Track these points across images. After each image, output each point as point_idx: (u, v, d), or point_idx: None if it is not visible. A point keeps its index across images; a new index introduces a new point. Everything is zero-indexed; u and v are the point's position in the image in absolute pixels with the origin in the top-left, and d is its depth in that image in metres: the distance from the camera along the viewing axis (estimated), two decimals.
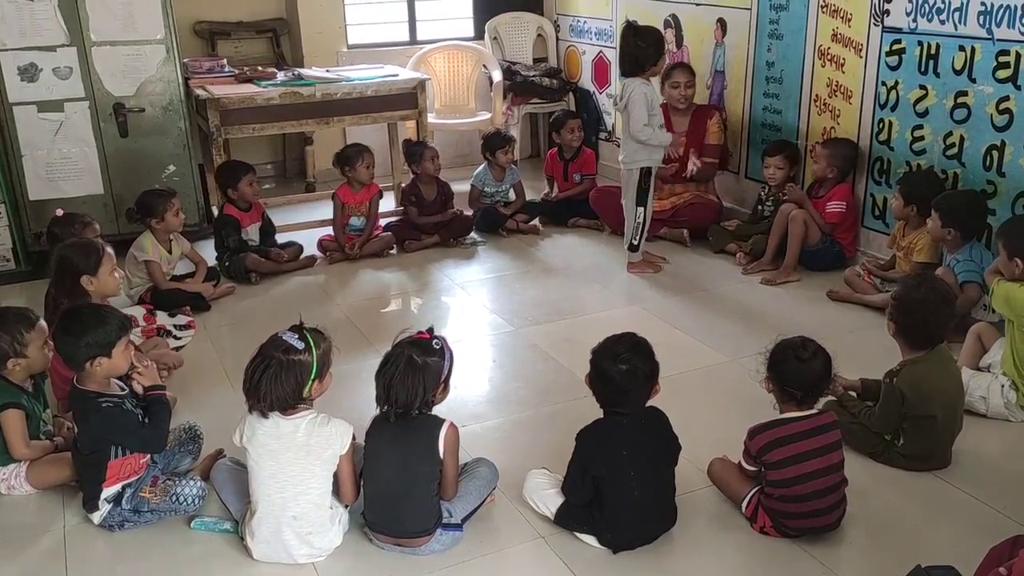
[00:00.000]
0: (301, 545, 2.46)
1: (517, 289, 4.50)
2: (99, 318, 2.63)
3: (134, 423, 2.60)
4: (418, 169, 5.09)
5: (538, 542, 2.56)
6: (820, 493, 2.45)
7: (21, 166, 4.70)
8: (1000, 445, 2.99)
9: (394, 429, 2.46)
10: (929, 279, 2.99)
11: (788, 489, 2.45)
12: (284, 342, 2.40)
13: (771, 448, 2.47)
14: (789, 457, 2.45)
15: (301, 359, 2.39)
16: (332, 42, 6.27)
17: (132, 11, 4.68)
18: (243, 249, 4.61)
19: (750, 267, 4.57)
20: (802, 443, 2.45)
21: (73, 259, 3.31)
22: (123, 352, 2.63)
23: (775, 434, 2.48)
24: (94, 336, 2.57)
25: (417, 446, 2.47)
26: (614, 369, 2.44)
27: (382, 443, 2.49)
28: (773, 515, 2.52)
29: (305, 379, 2.40)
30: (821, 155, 4.43)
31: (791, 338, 2.56)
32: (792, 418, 2.50)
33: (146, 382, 2.69)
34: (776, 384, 2.53)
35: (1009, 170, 3.77)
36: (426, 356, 2.43)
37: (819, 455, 2.45)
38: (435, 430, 2.47)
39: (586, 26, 6.46)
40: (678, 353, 3.61)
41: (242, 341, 2.53)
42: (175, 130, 4.94)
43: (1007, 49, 3.69)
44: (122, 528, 2.62)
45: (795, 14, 4.68)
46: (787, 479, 2.45)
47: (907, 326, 2.81)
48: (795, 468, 2.44)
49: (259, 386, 2.38)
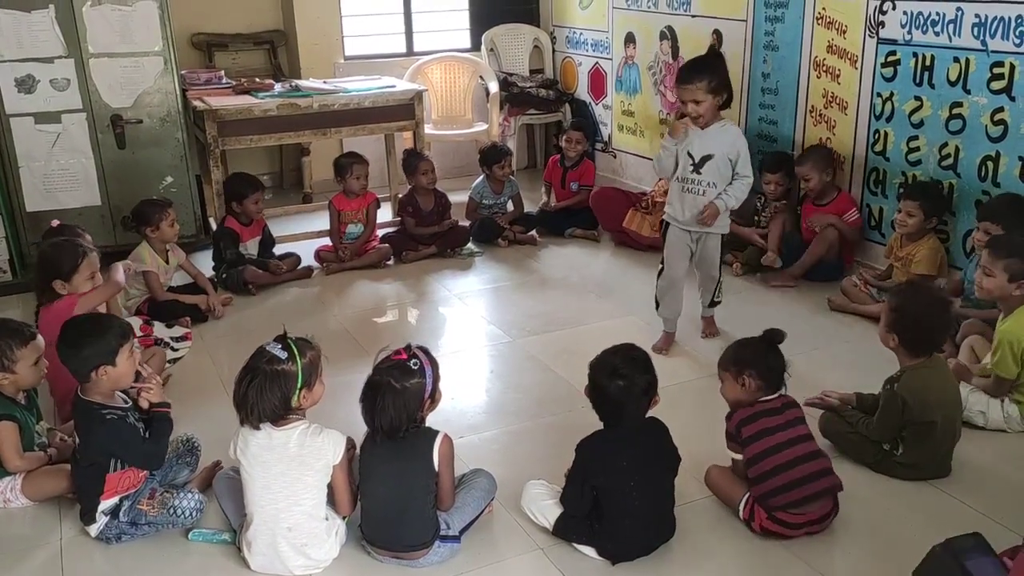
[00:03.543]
0: (297, 556, 2.45)
1: (514, 300, 4.50)
2: (98, 327, 2.63)
3: (137, 437, 2.60)
4: (413, 181, 5.11)
5: (536, 553, 2.55)
6: (795, 462, 2.54)
7: (18, 177, 4.70)
8: (998, 456, 2.99)
9: (386, 447, 2.45)
10: (924, 287, 3.00)
11: (764, 462, 2.55)
12: (268, 353, 2.40)
13: (746, 423, 2.60)
14: (762, 431, 2.58)
15: (285, 369, 2.38)
16: (329, 53, 6.29)
17: (130, 23, 4.69)
18: (240, 262, 4.60)
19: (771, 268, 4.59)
20: (771, 418, 2.60)
21: (50, 259, 3.28)
22: (128, 359, 2.62)
23: (745, 412, 2.63)
24: (94, 346, 2.56)
25: (412, 462, 2.45)
26: (611, 384, 2.44)
27: (375, 461, 2.47)
28: (763, 501, 2.55)
29: (291, 389, 2.39)
30: (807, 171, 4.45)
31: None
32: (759, 400, 2.65)
33: (153, 399, 2.68)
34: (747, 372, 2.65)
35: (1004, 181, 3.78)
36: (405, 380, 2.41)
37: (787, 428, 2.59)
38: (429, 444, 2.46)
39: (582, 38, 6.48)
40: (674, 363, 3.61)
41: (239, 352, 2.52)
42: (173, 142, 4.95)
43: (1001, 60, 3.71)
44: (119, 541, 2.61)
45: (790, 26, 4.70)
46: (762, 451, 2.56)
47: (911, 336, 2.80)
48: (767, 440, 2.56)
49: (246, 398, 2.38)
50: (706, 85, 3.44)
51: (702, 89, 3.44)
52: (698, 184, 3.58)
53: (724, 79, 3.49)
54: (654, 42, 5.72)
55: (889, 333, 2.83)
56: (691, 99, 3.47)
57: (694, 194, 3.60)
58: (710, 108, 3.48)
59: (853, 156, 4.48)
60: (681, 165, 3.60)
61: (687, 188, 3.61)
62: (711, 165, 3.54)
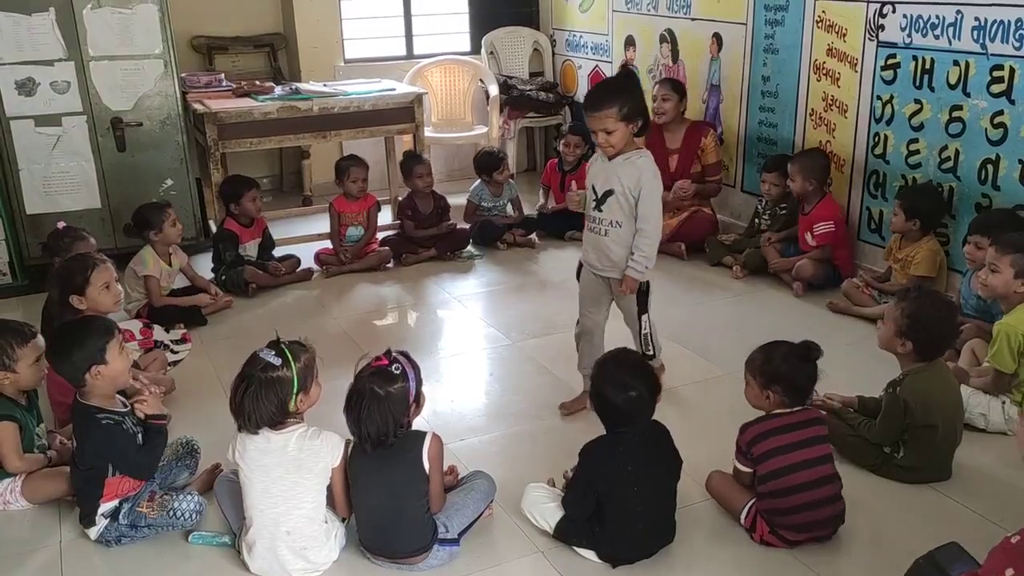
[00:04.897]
0: (297, 560, 2.45)
1: (514, 302, 4.50)
2: (81, 330, 2.63)
3: (131, 444, 2.60)
4: (410, 184, 5.12)
5: (536, 556, 2.55)
6: (806, 486, 2.48)
7: (18, 180, 4.70)
8: (999, 458, 2.99)
9: (374, 455, 2.43)
10: (933, 293, 3.00)
11: (776, 482, 2.49)
12: (262, 360, 2.39)
13: (759, 440, 2.51)
14: (775, 448, 2.50)
15: (280, 375, 2.38)
16: (329, 56, 6.29)
17: (130, 26, 4.69)
18: (240, 264, 4.61)
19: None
20: (788, 435, 2.50)
21: (63, 276, 3.29)
22: (119, 355, 2.62)
23: (762, 427, 2.53)
24: (82, 349, 2.56)
25: (401, 467, 2.44)
26: (621, 397, 2.44)
27: (365, 470, 2.46)
28: (768, 517, 2.53)
29: (287, 394, 2.39)
30: (794, 172, 4.43)
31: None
32: (778, 413, 2.56)
33: (149, 410, 2.66)
34: (773, 388, 2.56)
35: (1004, 184, 3.79)
36: (388, 385, 2.39)
37: (803, 447, 2.50)
38: (418, 446, 2.45)
39: (582, 40, 6.49)
40: (675, 366, 3.61)
41: (239, 355, 2.52)
42: (173, 144, 4.95)
43: (1001, 64, 3.71)
44: (119, 543, 2.61)
45: (790, 29, 4.70)
46: (775, 471, 2.49)
47: (924, 342, 2.79)
48: (781, 459, 2.49)
49: (242, 407, 2.37)
50: (617, 112, 2.93)
51: (612, 117, 2.94)
52: (600, 223, 3.11)
53: (638, 103, 2.99)
54: (654, 45, 5.72)
55: (899, 338, 2.80)
56: (600, 128, 2.98)
57: (597, 234, 3.13)
58: (623, 138, 2.99)
59: (853, 159, 4.48)
60: (588, 200, 3.18)
61: (591, 227, 3.15)
62: (612, 202, 3.06)
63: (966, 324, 3.49)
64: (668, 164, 5.07)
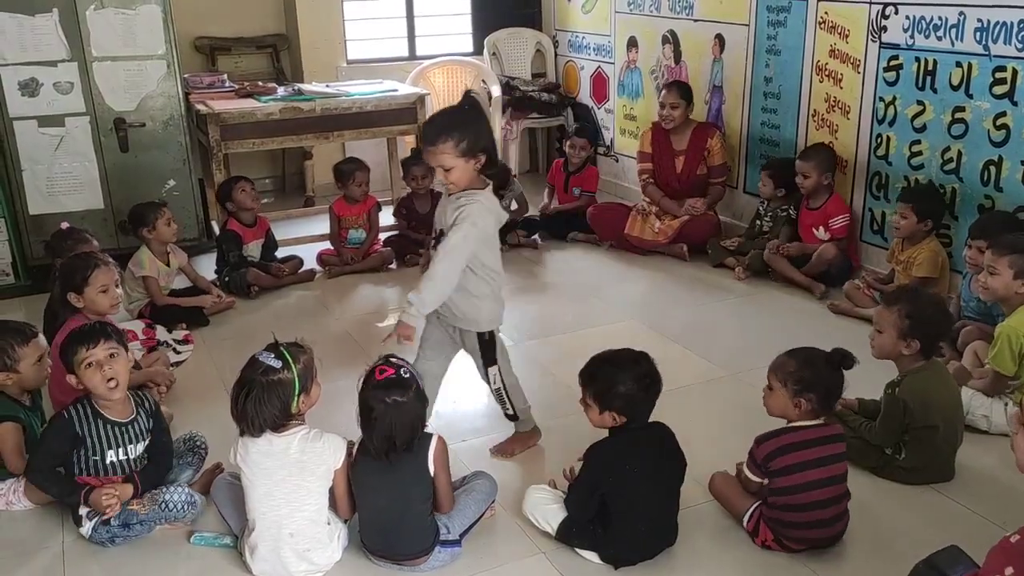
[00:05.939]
0: (300, 562, 2.45)
1: (516, 303, 4.49)
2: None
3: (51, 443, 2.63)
4: (407, 184, 5.13)
5: (539, 557, 2.55)
6: (821, 504, 2.45)
7: (21, 180, 4.71)
8: (1002, 460, 2.97)
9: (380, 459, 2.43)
10: (918, 291, 3.03)
11: (791, 497, 2.45)
12: (262, 363, 2.39)
13: (776, 455, 2.46)
14: (793, 464, 2.44)
15: (281, 378, 2.38)
16: (332, 57, 6.30)
17: (133, 27, 4.70)
18: (243, 264, 4.61)
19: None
20: (807, 451, 2.45)
21: (65, 273, 3.30)
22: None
23: (781, 441, 2.48)
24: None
25: (407, 470, 2.44)
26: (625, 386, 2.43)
27: (371, 472, 2.45)
28: (774, 526, 2.51)
29: (289, 396, 2.39)
30: (808, 169, 4.43)
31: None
32: (800, 426, 2.50)
33: (109, 512, 2.55)
34: (806, 395, 2.48)
35: (1007, 186, 3.78)
36: (406, 393, 2.38)
37: (823, 464, 2.45)
38: (423, 449, 2.45)
39: (584, 42, 6.49)
40: (677, 367, 3.60)
41: (242, 355, 2.52)
42: (175, 145, 4.95)
43: (1004, 65, 3.71)
44: (113, 543, 2.60)
45: (793, 30, 4.70)
46: (790, 487, 2.45)
47: (932, 336, 2.81)
48: (799, 476, 2.44)
49: (245, 412, 2.37)
50: (453, 148, 2.61)
51: (448, 153, 2.61)
52: None
53: (481, 136, 2.65)
54: (656, 46, 5.72)
55: (903, 340, 2.78)
56: (438, 165, 2.65)
57: None
58: (464, 174, 2.66)
59: (855, 160, 4.48)
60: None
61: None
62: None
63: (967, 326, 3.49)
64: (675, 165, 5.09)
